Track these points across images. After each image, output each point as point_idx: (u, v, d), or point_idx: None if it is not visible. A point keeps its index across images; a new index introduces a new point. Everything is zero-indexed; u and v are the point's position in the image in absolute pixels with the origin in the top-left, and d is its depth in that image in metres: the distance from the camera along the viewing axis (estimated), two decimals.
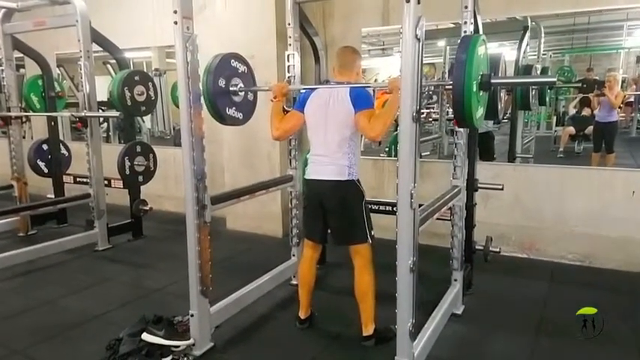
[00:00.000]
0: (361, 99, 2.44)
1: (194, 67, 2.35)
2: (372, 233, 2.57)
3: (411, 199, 1.98)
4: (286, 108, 2.89)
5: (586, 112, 6.24)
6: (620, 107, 5.43)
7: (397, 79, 2.01)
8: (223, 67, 2.73)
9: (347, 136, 2.49)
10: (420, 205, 2.17)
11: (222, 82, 2.71)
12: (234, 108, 2.82)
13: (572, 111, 6.62)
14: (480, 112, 2.30)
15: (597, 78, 6.25)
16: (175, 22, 2.26)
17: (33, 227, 4.88)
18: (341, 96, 2.48)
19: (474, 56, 2.08)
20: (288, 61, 3.23)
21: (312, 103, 2.60)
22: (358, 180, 2.56)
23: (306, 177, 2.66)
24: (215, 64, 2.67)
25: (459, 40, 2.68)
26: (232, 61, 2.80)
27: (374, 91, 6.81)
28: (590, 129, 5.94)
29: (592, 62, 6.60)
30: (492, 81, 2.28)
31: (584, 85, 6.48)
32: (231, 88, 2.78)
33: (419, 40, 1.91)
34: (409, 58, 1.90)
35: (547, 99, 5.38)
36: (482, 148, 4.51)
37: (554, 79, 2.30)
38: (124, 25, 5.50)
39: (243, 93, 2.87)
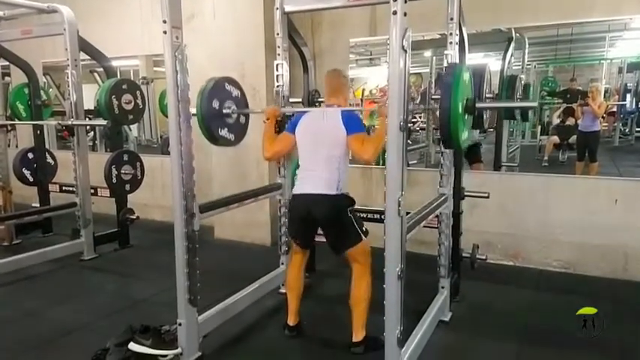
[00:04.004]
0: (353, 122, 2.55)
1: (183, 76, 2.36)
2: (365, 229, 2.61)
3: (399, 206, 2.01)
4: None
5: (570, 121, 6.34)
6: (603, 117, 5.55)
7: (385, 107, 2.10)
8: (217, 91, 2.79)
9: (337, 154, 2.57)
10: (408, 213, 2.19)
11: (216, 104, 2.77)
12: (226, 129, 2.89)
13: (556, 120, 6.72)
14: (465, 134, 2.39)
15: (580, 88, 6.38)
16: (165, 32, 2.27)
17: (17, 236, 4.82)
18: (333, 118, 2.57)
19: (460, 82, 2.17)
20: (277, 70, 3.25)
21: (302, 126, 2.69)
22: (347, 193, 2.62)
23: (295, 192, 2.71)
24: (209, 87, 2.73)
25: (444, 52, 2.77)
26: (226, 84, 2.87)
27: (362, 100, 6.91)
28: (574, 138, 6.05)
29: (575, 73, 6.73)
30: (477, 105, 2.38)
31: (568, 95, 6.61)
32: (224, 111, 2.84)
33: (405, 51, 1.95)
34: (396, 68, 1.94)
35: (530, 115, 5.47)
36: (470, 156, 4.59)
37: (535, 104, 2.44)
38: (112, 34, 5.49)
39: (235, 115, 2.94)
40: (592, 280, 3.67)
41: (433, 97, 4.69)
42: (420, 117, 6.64)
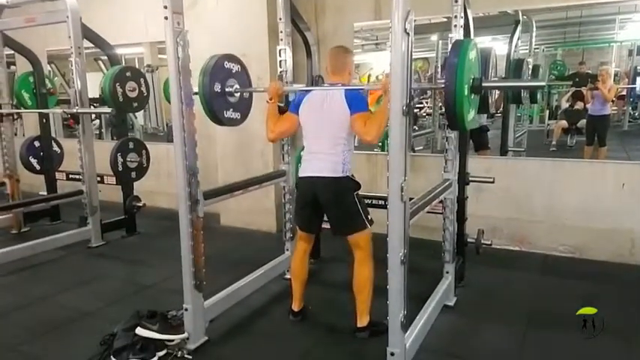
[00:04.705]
0: (356, 101, 2.49)
1: (185, 62, 2.35)
2: (370, 217, 2.60)
3: (402, 192, 2.00)
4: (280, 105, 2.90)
5: (579, 105, 6.26)
6: (612, 101, 5.47)
7: (388, 81, 2.03)
8: (218, 70, 2.72)
9: (341, 135, 2.53)
10: (411, 199, 2.18)
11: (217, 87, 2.71)
12: (231, 110, 2.84)
13: (564, 105, 6.65)
14: (471, 114, 2.34)
15: (590, 72, 6.29)
16: (166, 18, 2.26)
17: (26, 224, 4.87)
18: (336, 97, 2.52)
19: (466, 61, 2.12)
20: (279, 56, 3.24)
21: (306, 105, 2.64)
22: (352, 175, 2.60)
23: (300, 174, 2.68)
24: (210, 66, 2.66)
25: (449, 35, 2.73)
26: (226, 62, 2.79)
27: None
28: (582, 122, 5.98)
29: (584, 56, 6.63)
30: (484, 84, 2.32)
31: (577, 79, 6.52)
32: (227, 90, 2.77)
33: (408, 34, 1.93)
34: (398, 52, 1.91)
35: (538, 97, 5.39)
36: (476, 140, 4.55)
37: (544, 83, 2.34)
38: (116, 21, 5.48)
39: (239, 94, 2.87)
40: (598, 265, 3.65)
41: (439, 80, 4.65)
42: (427, 102, 6.60)
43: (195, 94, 2.56)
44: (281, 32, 3.23)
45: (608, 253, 3.69)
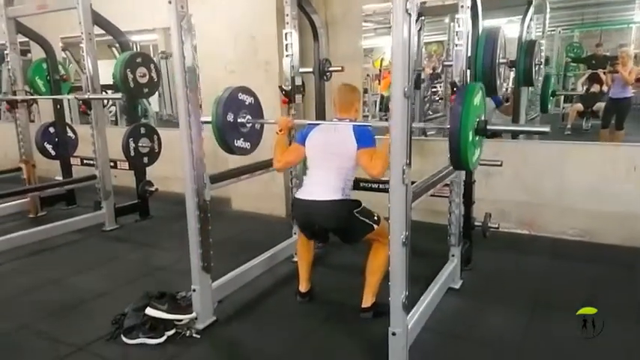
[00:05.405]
0: (365, 136, 2.55)
1: (190, 46, 2.37)
2: (376, 217, 2.62)
3: (403, 174, 2.00)
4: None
5: (595, 88, 6.14)
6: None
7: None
8: (232, 102, 2.77)
9: (346, 166, 2.60)
10: (413, 182, 2.18)
11: (230, 117, 2.76)
12: (242, 139, 2.89)
13: (580, 88, 6.53)
14: (476, 155, 2.38)
15: (608, 54, 6.15)
16: (169, 1, 2.28)
17: (43, 209, 4.99)
18: (344, 131, 2.60)
19: (470, 107, 2.14)
20: (285, 39, 3.23)
21: (314, 136, 2.72)
22: (349, 197, 2.64)
23: (296, 195, 2.73)
24: (224, 97, 2.72)
25: (456, 16, 2.69)
26: (240, 94, 2.84)
27: (380, 70, 6.80)
28: (598, 106, 5.86)
29: (602, 38, 6.48)
30: (489, 127, 2.33)
31: (594, 61, 6.37)
32: (239, 120, 2.83)
33: (410, 14, 1.91)
34: (399, 32, 1.90)
35: (552, 81, 5.24)
36: None
37: (548, 129, 2.31)
38: (129, 7, 5.49)
39: (250, 124, 2.93)
40: (607, 248, 3.62)
41: (445, 63, 4.61)
42: (440, 86, 6.53)
43: (208, 122, 2.67)
44: (287, 15, 3.22)
45: (619, 236, 3.64)
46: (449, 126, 2.15)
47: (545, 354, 2.36)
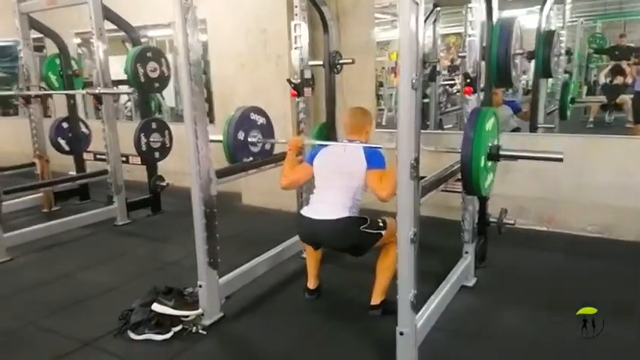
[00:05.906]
0: (375, 157, 2.52)
1: (194, 38, 2.33)
2: (381, 223, 2.56)
3: (411, 169, 1.93)
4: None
5: (618, 80, 5.94)
6: None
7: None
8: (243, 121, 2.81)
9: (354, 185, 2.55)
10: (423, 177, 2.12)
11: (241, 136, 2.80)
12: (251, 158, 2.92)
13: (603, 80, 6.33)
14: (488, 180, 2.37)
15: (631, 45, 5.94)
16: None
17: (56, 203, 5.03)
18: (355, 151, 2.57)
19: (482, 132, 2.11)
20: (294, 31, 3.17)
21: (322, 155, 2.69)
22: (355, 215, 2.57)
23: (302, 212, 2.69)
24: (236, 117, 2.78)
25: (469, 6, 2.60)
26: (252, 114, 2.87)
27: (396, 63, 6.69)
28: (622, 98, 5.67)
29: (626, 28, 6.27)
30: (501, 152, 2.34)
31: (617, 53, 6.17)
32: (249, 139, 2.85)
33: (417, 3, 1.84)
34: (407, 22, 1.83)
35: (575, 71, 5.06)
36: None
37: (561, 156, 2.24)
38: (145, 1, 5.47)
39: (261, 144, 2.96)
40: (626, 245, 3.51)
41: (460, 55, 4.51)
42: (458, 78, 6.40)
43: (220, 141, 2.71)
44: (296, 7, 3.15)
45: (637, 232, 3.52)
46: (460, 151, 2.15)
47: (561, 355, 2.28)
